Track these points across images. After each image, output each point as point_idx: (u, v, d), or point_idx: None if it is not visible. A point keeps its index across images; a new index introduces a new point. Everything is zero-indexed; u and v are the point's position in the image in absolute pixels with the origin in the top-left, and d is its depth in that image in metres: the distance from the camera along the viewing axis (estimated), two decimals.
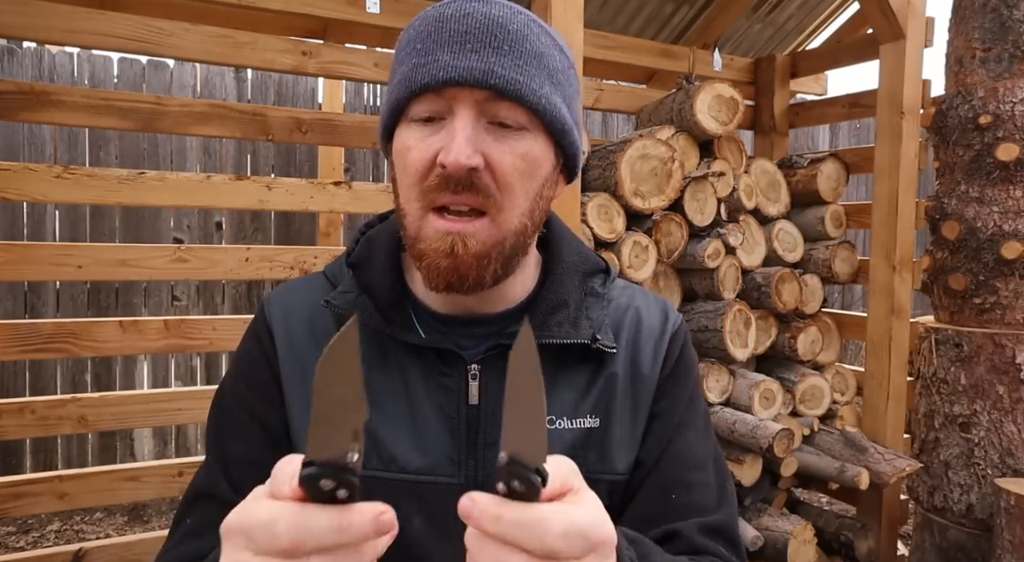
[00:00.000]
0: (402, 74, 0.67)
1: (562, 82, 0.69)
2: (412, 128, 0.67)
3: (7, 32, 1.72)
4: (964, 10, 2.29)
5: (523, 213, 0.67)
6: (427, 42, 0.65)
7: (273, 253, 1.99)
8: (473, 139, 0.63)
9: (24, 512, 1.81)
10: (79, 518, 3.34)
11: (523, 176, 0.66)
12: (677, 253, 2.19)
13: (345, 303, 0.73)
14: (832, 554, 2.42)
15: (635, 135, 2.24)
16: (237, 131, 1.94)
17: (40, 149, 3.32)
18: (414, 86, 0.65)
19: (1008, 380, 2.09)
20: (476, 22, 0.64)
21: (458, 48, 0.63)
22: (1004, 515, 1.95)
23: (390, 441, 0.71)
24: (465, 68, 0.63)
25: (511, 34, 0.65)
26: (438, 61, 0.63)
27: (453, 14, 0.65)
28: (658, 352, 0.79)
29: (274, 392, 0.74)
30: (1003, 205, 2.15)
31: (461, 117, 0.64)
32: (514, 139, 0.66)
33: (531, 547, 0.41)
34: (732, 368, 2.30)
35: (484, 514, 0.42)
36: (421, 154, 0.65)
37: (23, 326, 1.75)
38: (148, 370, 3.55)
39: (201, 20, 2.03)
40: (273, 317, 0.78)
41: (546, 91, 0.66)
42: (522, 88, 0.64)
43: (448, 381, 0.72)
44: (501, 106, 0.64)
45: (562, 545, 0.41)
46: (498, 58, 0.63)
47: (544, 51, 0.67)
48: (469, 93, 0.63)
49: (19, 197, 1.72)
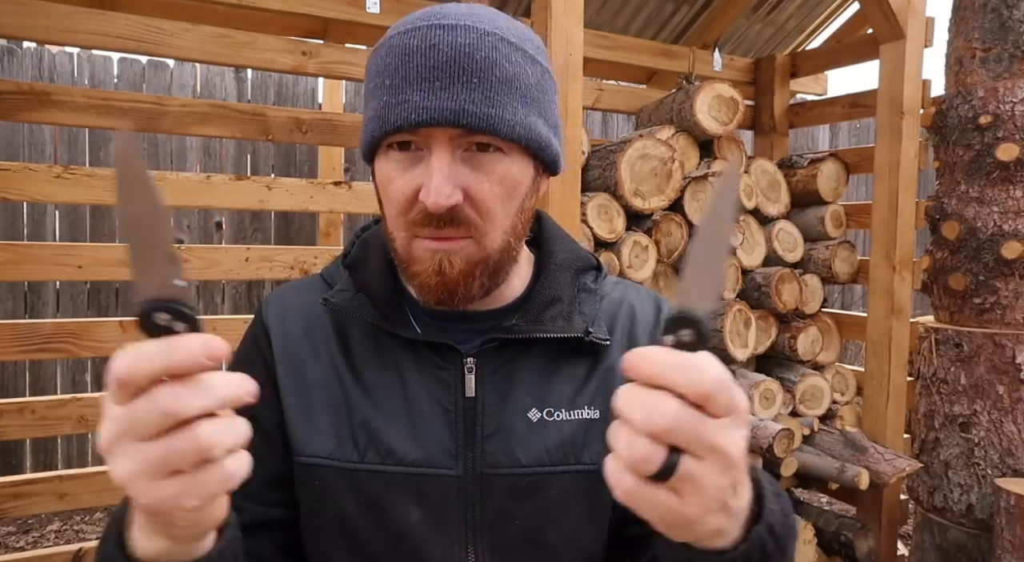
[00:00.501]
0: (374, 110, 0.68)
1: (537, 96, 0.69)
2: (392, 158, 0.68)
3: (7, 32, 1.72)
4: (964, 10, 2.29)
5: (505, 231, 0.69)
6: (395, 77, 0.65)
7: (273, 253, 1.99)
8: (451, 176, 0.64)
9: (24, 512, 1.81)
10: (79, 518, 3.34)
11: (503, 199, 0.68)
12: (677, 253, 2.19)
13: (343, 301, 0.75)
14: (832, 554, 2.42)
15: (635, 135, 2.24)
16: (237, 131, 1.94)
17: (40, 149, 3.32)
18: (388, 127, 0.66)
19: (1008, 380, 2.09)
20: (443, 55, 0.64)
21: (427, 86, 0.64)
22: (1004, 515, 1.95)
23: (387, 434, 0.72)
24: (436, 109, 0.63)
25: (479, 63, 0.64)
26: (408, 102, 0.64)
27: (419, 46, 0.65)
28: (654, 343, 0.78)
29: (269, 393, 0.75)
30: (1003, 205, 2.15)
31: (437, 156, 0.65)
32: (491, 164, 0.67)
33: (687, 389, 0.42)
34: (732, 368, 2.30)
35: (647, 359, 0.42)
36: (402, 188, 0.67)
37: (23, 326, 1.75)
38: None
39: (201, 20, 2.03)
40: (270, 317, 0.79)
41: (519, 117, 0.67)
42: (495, 121, 0.65)
43: (444, 374, 0.73)
44: (477, 136, 0.65)
45: (715, 391, 0.42)
46: (468, 93, 0.64)
47: (515, 72, 0.67)
48: (443, 132, 0.64)
49: (19, 197, 1.72)
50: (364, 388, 0.74)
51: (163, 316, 0.39)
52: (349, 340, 0.76)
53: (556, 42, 1.70)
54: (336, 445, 0.73)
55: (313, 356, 0.76)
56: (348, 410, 0.73)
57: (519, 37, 0.70)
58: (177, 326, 0.39)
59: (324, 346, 0.76)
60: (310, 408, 0.74)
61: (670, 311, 0.42)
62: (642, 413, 0.42)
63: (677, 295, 0.42)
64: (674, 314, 0.42)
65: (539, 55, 0.72)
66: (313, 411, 0.74)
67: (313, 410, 0.74)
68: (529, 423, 0.73)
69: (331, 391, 0.74)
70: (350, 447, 0.72)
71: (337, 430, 0.73)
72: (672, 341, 0.42)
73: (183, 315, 0.39)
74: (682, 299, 0.42)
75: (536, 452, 0.72)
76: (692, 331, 0.41)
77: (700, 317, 0.41)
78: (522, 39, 0.70)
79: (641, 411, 0.42)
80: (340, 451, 0.72)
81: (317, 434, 0.73)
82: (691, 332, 0.41)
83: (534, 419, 0.73)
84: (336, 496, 0.72)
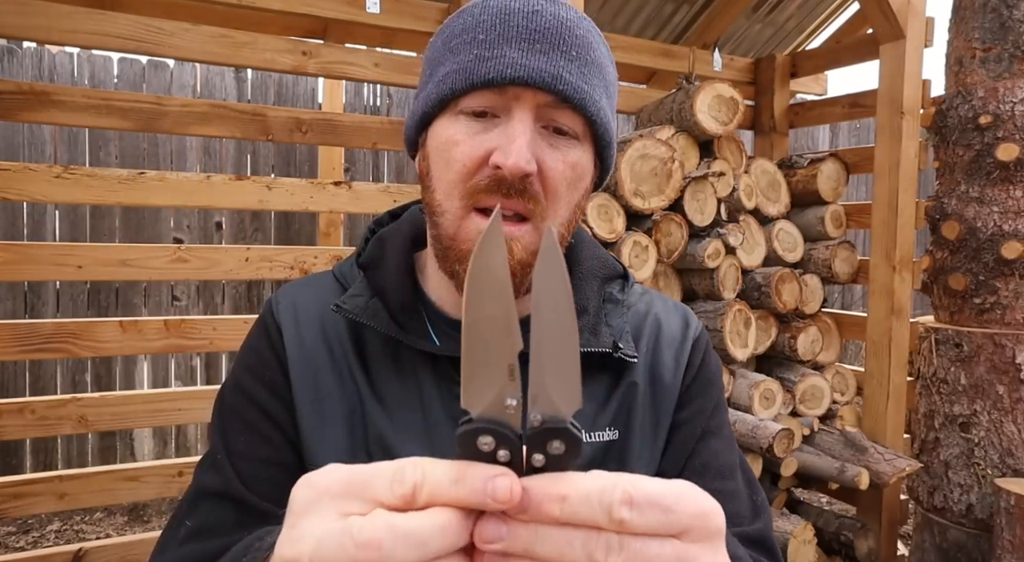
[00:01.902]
0: (459, 64, 0.63)
1: (613, 95, 0.69)
2: (461, 121, 0.64)
3: (7, 32, 1.72)
4: (964, 10, 2.29)
5: (563, 222, 0.66)
6: (491, 34, 0.62)
7: (273, 253, 1.99)
8: (532, 142, 0.62)
9: (24, 512, 1.81)
10: (79, 518, 3.34)
11: (569, 186, 0.65)
12: (677, 253, 2.19)
13: (356, 308, 0.70)
14: (832, 554, 2.42)
15: (635, 135, 2.24)
16: (237, 131, 1.94)
17: (40, 149, 3.32)
18: (475, 78, 0.62)
19: (1008, 380, 2.09)
20: (545, 22, 0.62)
21: (527, 46, 0.61)
22: (1004, 515, 1.95)
23: (403, 451, 0.68)
24: (535, 68, 0.61)
25: (578, 39, 0.63)
26: (505, 57, 0.61)
27: (521, 8, 0.63)
28: (679, 361, 0.76)
29: (284, 390, 0.71)
30: (1003, 205, 2.15)
31: (521, 119, 0.62)
32: (566, 147, 0.64)
33: (601, 522, 0.34)
34: (732, 368, 2.30)
35: (547, 497, 0.34)
36: (472, 150, 0.63)
37: (23, 326, 1.75)
38: (148, 370, 3.55)
39: (201, 20, 2.03)
40: (282, 315, 0.74)
41: (603, 103, 0.65)
42: (585, 97, 0.63)
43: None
44: (561, 113, 0.63)
45: (631, 514, 0.34)
46: (566, 63, 0.62)
47: (604, 62, 0.66)
48: (533, 95, 0.62)
49: (19, 197, 1.72)
50: (380, 400, 0.70)
51: (487, 440, 0.35)
52: (365, 347, 0.72)
53: None
54: (349, 459, 0.67)
55: (329, 362, 0.71)
56: (363, 423, 0.69)
57: (605, 38, 0.70)
58: (500, 453, 0.35)
59: (340, 352, 0.72)
60: (323, 418, 0.70)
61: (534, 419, 0.35)
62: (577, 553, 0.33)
63: (530, 402, 0.35)
64: (538, 426, 0.35)
65: (613, 64, 0.71)
66: (326, 421, 0.70)
67: (326, 420, 0.70)
68: None
69: (346, 401, 0.70)
70: (363, 460, 0.65)
71: (351, 444, 0.69)
72: (542, 460, 0.35)
73: (508, 441, 0.35)
74: (538, 406, 0.35)
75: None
76: (562, 441, 0.35)
77: (567, 424, 0.35)
78: (606, 40, 0.70)
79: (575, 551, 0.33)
80: (352, 464, 0.68)
81: (329, 446, 0.69)
82: (561, 443, 0.35)
83: None
84: None
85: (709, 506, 0.35)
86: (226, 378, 0.77)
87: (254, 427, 0.72)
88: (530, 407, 0.35)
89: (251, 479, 0.69)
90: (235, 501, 0.67)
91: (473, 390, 0.35)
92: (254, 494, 0.68)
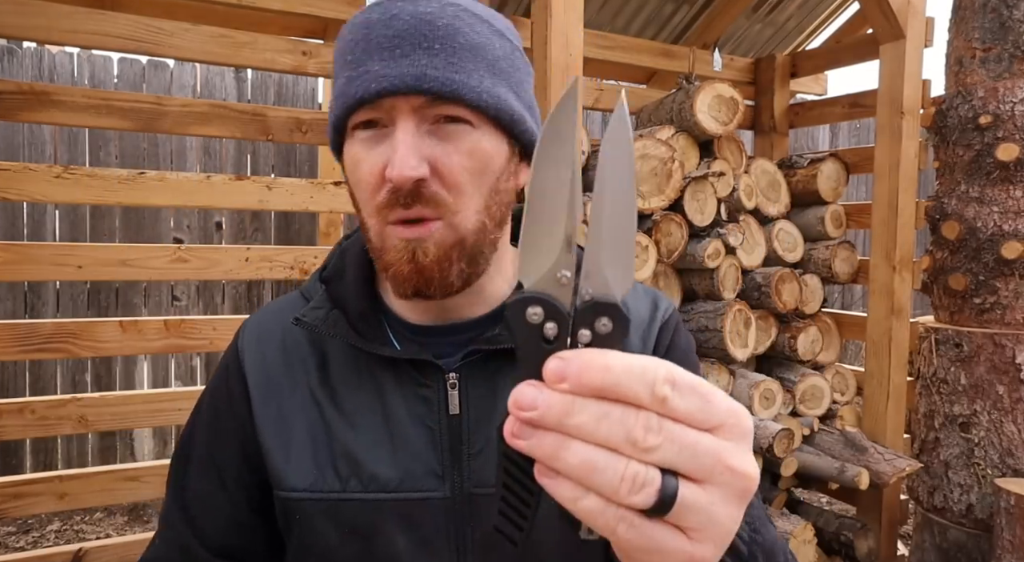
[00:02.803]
0: (337, 89, 0.65)
1: (506, 69, 0.66)
2: (357, 140, 0.65)
3: (7, 32, 1.72)
4: (964, 10, 2.29)
5: (479, 210, 0.65)
6: (356, 52, 0.63)
7: (273, 253, 1.99)
8: (416, 147, 0.61)
9: (24, 512, 1.81)
10: (79, 518, 3.34)
11: (473, 174, 0.64)
12: (677, 253, 2.19)
13: (316, 319, 0.71)
14: (832, 554, 2.42)
15: (635, 135, 2.24)
16: (237, 131, 1.94)
17: (40, 149, 3.32)
18: (349, 101, 0.63)
19: (1008, 380, 2.09)
20: (403, 23, 0.61)
21: (387, 55, 0.61)
22: (1004, 515, 1.95)
23: (369, 461, 0.68)
24: (396, 76, 0.60)
25: (441, 30, 0.62)
26: (369, 72, 0.61)
27: (379, 18, 0.62)
28: (646, 343, 0.76)
29: (232, 435, 0.74)
30: (1003, 205, 2.15)
31: (401, 127, 0.62)
32: (460, 137, 0.64)
33: (643, 397, 0.32)
34: (732, 368, 2.30)
35: (590, 366, 0.32)
36: (370, 167, 0.64)
37: (23, 326, 1.75)
38: (148, 370, 3.55)
39: (201, 20, 2.03)
40: (245, 342, 0.76)
41: (487, 84, 0.63)
42: (459, 87, 0.61)
43: (426, 392, 0.70)
44: (442, 106, 0.62)
45: (674, 393, 0.33)
46: (430, 59, 0.61)
47: (481, 42, 0.64)
48: (405, 100, 0.62)
49: (19, 197, 1.72)
50: (343, 412, 0.70)
51: (536, 311, 0.34)
52: (327, 360, 0.73)
53: (556, 42, 1.70)
54: (316, 476, 0.69)
55: (290, 383, 0.72)
56: (328, 437, 0.70)
57: (487, 14, 0.67)
58: (547, 326, 0.34)
59: (301, 370, 0.73)
60: (288, 439, 0.71)
61: (581, 296, 0.35)
62: (614, 429, 0.32)
63: (583, 277, 0.34)
64: (587, 301, 0.34)
65: (508, 33, 0.69)
66: (292, 442, 0.70)
67: (292, 441, 0.70)
68: None
69: (309, 419, 0.71)
70: (331, 476, 0.69)
71: (317, 460, 0.69)
72: (588, 336, 0.34)
73: (557, 314, 0.34)
74: (590, 281, 0.34)
75: None
76: (610, 319, 0.34)
77: (617, 301, 0.34)
78: (490, 15, 0.67)
79: (612, 426, 0.32)
80: (321, 481, 0.69)
81: (296, 466, 0.70)
82: (609, 320, 0.34)
83: None
84: (319, 529, 0.69)
85: (739, 407, 0.35)
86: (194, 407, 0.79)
87: (203, 465, 0.75)
88: (582, 282, 0.34)
89: (195, 515, 0.74)
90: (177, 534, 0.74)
91: (530, 260, 0.35)
92: (194, 534, 0.74)
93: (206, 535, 0.73)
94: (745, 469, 0.34)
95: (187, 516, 0.74)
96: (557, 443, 0.33)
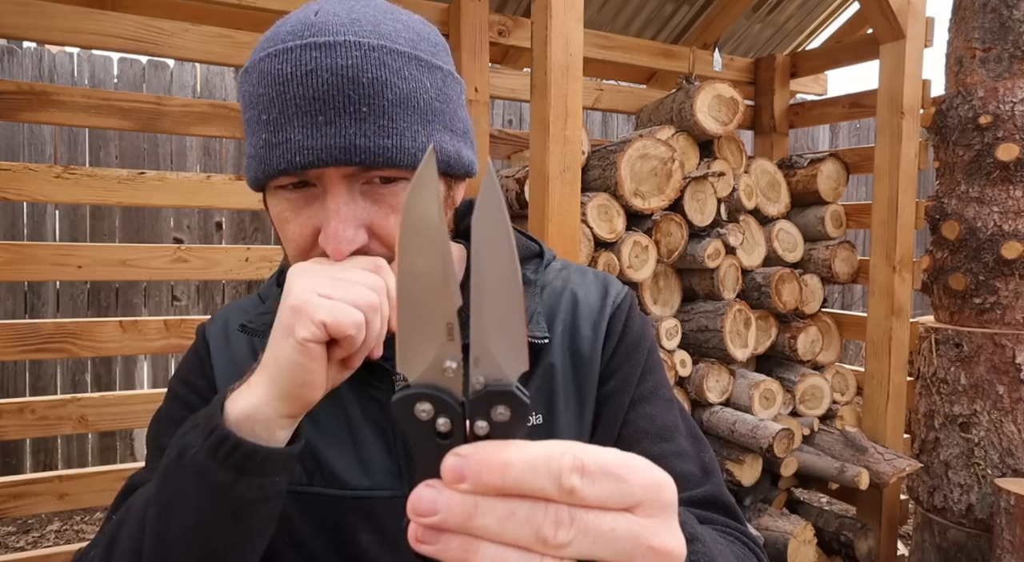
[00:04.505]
0: (254, 148, 0.60)
1: (439, 109, 0.62)
2: (283, 196, 0.62)
3: (7, 32, 1.72)
4: (964, 10, 2.29)
5: None
6: (272, 112, 0.58)
7: (273, 253, 1.99)
8: (350, 216, 0.58)
9: (24, 512, 1.81)
10: (79, 518, 3.34)
11: None
12: (677, 253, 2.19)
13: (263, 325, 0.69)
14: (832, 554, 2.42)
15: (635, 135, 2.24)
16: (237, 131, 1.94)
17: (40, 149, 3.32)
18: (271, 170, 0.59)
19: (1008, 380, 2.09)
20: (322, 82, 0.56)
21: (309, 121, 0.56)
22: (1004, 515, 1.95)
23: (331, 458, 0.69)
24: (323, 148, 0.56)
25: (365, 88, 0.56)
26: (290, 141, 0.57)
27: (293, 73, 0.56)
28: (597, 331, 0.73)
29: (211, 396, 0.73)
30: (1003, 205, 2.15)
31: (332, 197, 0.58)
32: (395, 196, 0.61)
33: (549, 491, 0.30)
34: (732, 368, 2.30)
35: (490, 464, 0.30)
36: (300, 229, 0.61)
37: (23, 326, 1.75)
38: (148, 370, 3.55)
39: (201, 20, 2.03)
40: (211, 333, 0.76)
41: (421, 139, 0.59)
42: (393, 153, 0.58)
43: (378, 393, 0.70)
44: (373, 172, 0.59)
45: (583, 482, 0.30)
46: (358, 125, 0.56)
47: (410, 88, 0.59)
48: (335, 171, 0.58)
49: (19, 197, 1.72)
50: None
51: (425, 407, 0.32)
52: None
53: (556, 42, 1.70)
54: None
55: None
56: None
57: (411, 42, 0.61)
58: (439, 422, 0.32)
59: None
60: None
61: (473, 385, 0.32)
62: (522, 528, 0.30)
63: (472, 363, 0.32)
64: (480, 390, 0.32)
65: (438, 57, 0.63)
66: None
67: None
68: None
69: None
70: (298, 469, 0.69)
71: None
72: (485, 427, 0.32)
73: (449, 408, 0.32)
74: (480, 367, 0.32)
75: None
76: (507, 406, 0.32)
77: (513, 387, 0.32)
78: (415, 43, 0.61)
79: (519, 525, 0.30)
80: None
81: None
82: (506, 408, 0.32)
83: None
84: (290, 519, 0.69)
85: (660, 477, 0.32)
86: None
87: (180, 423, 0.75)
88: (472, 368, 0.32)
89: None
90: None
91: (409, 353, 0.32)
92: None
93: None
94: (668, 548, 0.32)
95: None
96: (464, 546, 0.30)
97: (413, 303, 0.32)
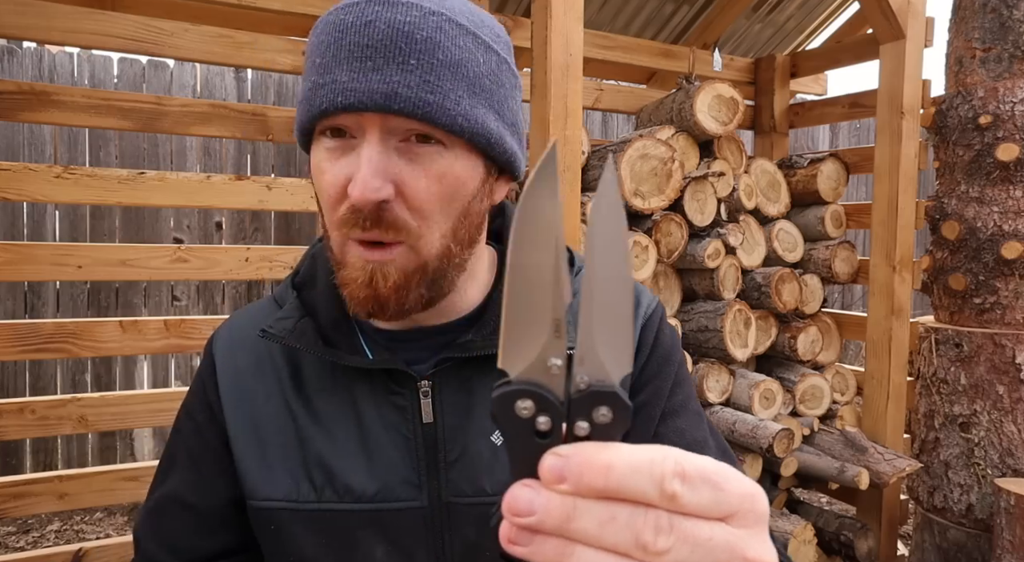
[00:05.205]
0: (303, 92, 0.61)
1: (488, 87, 0.62)
2: (323, 147, 0.62)
3: (7, 32, 1.72)
4: (964, 10, 2.29)
5: (445, 235, 0.62)
6: (326, 56, 0.59)
7: (273, 253, 1.99)
8: (381, 167, 0.58)
9: (24, 512, 1.81)
10: (79, 518, 3.34)
11: (442, 199, 0.60)
12: (677, 253, 2.19)
13: (284, 330, 0.69)
14: (832, 554, 2.42)
15: (635, 135, 2.24)
16: (237, 131, 1.94)
17: (40, 149, 3.32)
18: (313, 110, 0.59)
19: (1008, 380, 2.09)
20: (378, 32, 0.57)
21: (358, 66, 0.57)
22: (1004, 515, 1.95)
23: (344, 470, 0.67)
24: (364, 91, 0.56)
25: (418, 44, 0.57)
26: (336, 82, 0.57)
27: (353, 22, 0.58)
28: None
29: (216, 428, 0.72)
30: (1003, 205, 2.15)
31: (368, 143, 0.58)
32: (430, 159, 0.60)
33: (651, 496, 0.29)
34: (732, 368, 2.30)
35: (591, 465, 0.29)
36: (333, 179, 0.60)
37: (23, 326, 1.75)
38: (148, 370, 3.55)
39: (201, 20, 2.03)
40: (217, 350, 0.74)
41: (464, 106, 0.59)
42: (432, 109, 0.57)
43: (400, 400, 0.68)
44: (412, 124, 0.58)
45: (684, 488, 0.29)
46: (403, 76, 0.56)
47: (462, 57, 0.59)
48: (372, 117, 0.58)
49: (19, 197, 1.72)
50: (317, 421, 0.69)
51: (526, 405, 0.31)
52: (301, 368, 0.71)
53: (556, 42, 1.70)
54: (291, 485, 0.68)
55: (263, 391, 0.71)
56: (302, 446, 0.68)
57: (474, 22, 0.62)
58: (539, 420, 0.31)
59: (274, 378, 0.71)
60: (263, 449, 0.69)
61: (580, 381, 0.31)
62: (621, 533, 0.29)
63: (576, 362, 0.31)
64: (583, 389, 0.31)
65: (497, 44, 0.64)
66: (266, 452, 0.69)
67: (266, 450, 0.69)
68: (493, 448, 0.67)
69: (283, 427, 0.69)
70: (307, 487, 0.68)
71: (291, 469, 0.68)
72: (587, 428, 0.31)
73: (550, 407, 0.31)
74: (585, 367, 0.31)
75: (502, 478, 0.66)
76: (609, 408, 0.31)
77: (617, 388, 0.31)
78: (477, 24, 0.62)
79: (619, 530, 0.29)
80: (296, 491, 0.68)
81: (271, 476, 0.68)
82: (608, 410, 0.31)
83: (498, 443, 0.67)
84: (296, 539, 0.68)
85: (755, 488, 0.32)
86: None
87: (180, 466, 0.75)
88: (576, 367, 0.31)
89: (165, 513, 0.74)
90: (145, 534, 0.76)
91: (512, 348, 0.31)
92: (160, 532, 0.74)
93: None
94: (762, 559, 0.31)
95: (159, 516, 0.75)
96: (560, 549, 0.30)
97: (522, 298, 0.32)
